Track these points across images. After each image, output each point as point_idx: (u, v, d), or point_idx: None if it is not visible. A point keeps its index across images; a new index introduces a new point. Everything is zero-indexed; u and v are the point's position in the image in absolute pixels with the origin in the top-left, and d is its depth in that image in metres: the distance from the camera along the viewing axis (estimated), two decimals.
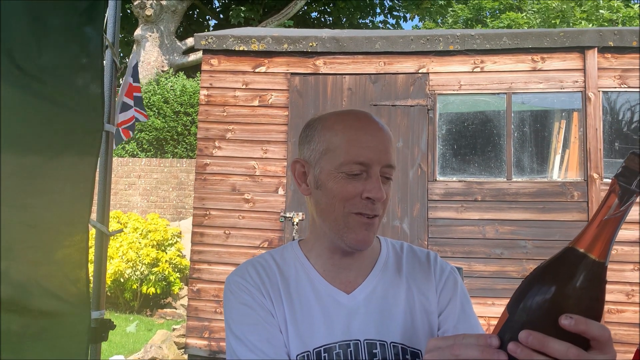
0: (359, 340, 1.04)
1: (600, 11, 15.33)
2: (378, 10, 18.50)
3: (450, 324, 1.09)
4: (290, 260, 1.14)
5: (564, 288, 0.65)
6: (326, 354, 1.02)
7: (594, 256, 0.65)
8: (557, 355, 0.64)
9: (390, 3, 18.48)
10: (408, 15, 18.68)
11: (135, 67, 2.52)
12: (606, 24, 15.20)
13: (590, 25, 14.81)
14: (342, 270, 1.11)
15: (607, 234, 0.65)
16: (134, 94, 2.76)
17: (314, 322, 1.05)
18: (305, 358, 1.02)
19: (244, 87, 5.13)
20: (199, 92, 8.42)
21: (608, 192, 0.66)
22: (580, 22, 14.98)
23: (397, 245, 1.20)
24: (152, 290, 7.02)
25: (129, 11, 14.71)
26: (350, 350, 1.03)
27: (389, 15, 18.86)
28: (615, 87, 4.71)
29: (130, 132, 3.14)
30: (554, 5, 15.26)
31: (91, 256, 1.96)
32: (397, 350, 1.04)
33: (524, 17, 16.33)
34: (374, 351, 1.03)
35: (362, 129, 1.06)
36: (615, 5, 15.40)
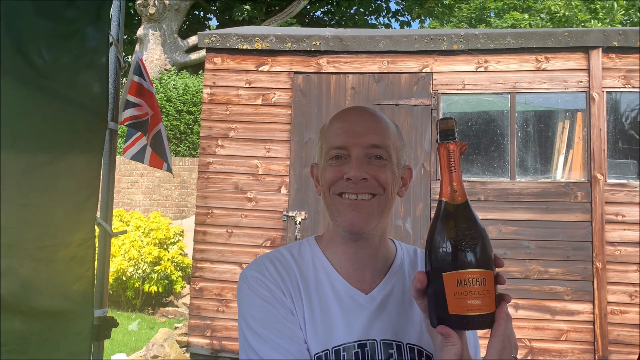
0: (375, 340, 1.05)
1: (612, 13, 15.24)
2: (384, 12, 18.44)
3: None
4: (308, 256, 1.14)
5: (470, 227, 0.84)
6: (345, 353, 1.03)
7: (448, 199, 0.87)
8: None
9: (396, 6, 18.45)
10: (410, 19, 18.63)
11: (138, 64, 2.51)
12: (619, 25, 15.12)
13: (600, 24, 14.73)
14: (357, 266, 1.11)
15: (450, 179, 0.86)
16: (126, 122, 2.55)
17: (333, 321, 1.05)
18: (324, 357, 1.02)
19: (247, 85, 5.13)
20: (201, 91, 8.42)
21: (445, 154, 0.86)
22: (586, 24, 14.90)
23: (410, 249, 1.21)
24: (154, 288, 7.02)
25: (132, 11, 14.71)
26: (367, 350, 1.03)
27: (392, 20, 18.82)
28: (620, 88, 4.69)
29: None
30: (560, 9, 15.16)
31: (95, 255, 1.96)
32: (412, 352, 1.05)
33: (528, 18, 16.24)
34: (390, 351, 1.04)
35: (345, 118, 1.12)
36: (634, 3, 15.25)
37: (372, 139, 1.07)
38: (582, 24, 14.99)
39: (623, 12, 15.33)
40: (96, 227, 2.02)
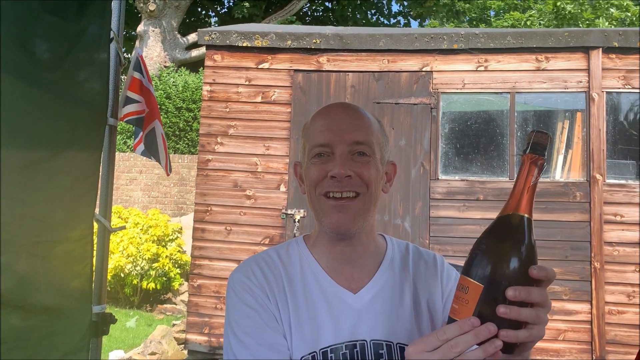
0: (365, 340, 1.03)
1: (610, 10, 15.23)
2: (386, 10, 18.42)
3: None
4: (296, 256, 1.12)
5: (525, 245, 0.79)
6: (332, 354, 1.02)
7: (529, 216, 0.81)
8: (537, 299, 0.77)
9: (399, 7, 18.46)
10: (411, 17, 18.62)
11: (138, 60, 2.51)
12: (615, 23, 15.11)
13: (600, 21, 14.71)
14: (345, 265, 1.10)
15: (532, 196, 0.81)
16: (126, 119, 2.50)
17: (320, 322, 1.04)
18: (311, 359, 1.01)
19: (246, 83, 5.12)
20: (201, 88, 8.41)
21: (527, 165, 0.81)
22: (588, 23, 14.88)
23: (402, 245, 1.19)
24: (152, 285, 7.02)
25: (135, 9, 14.68)
26: (357, 351, 1.02)
27: (391, 19, 18.81)
28: (619, 88, 4.69)
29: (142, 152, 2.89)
30: (568, 7, 15.12)
31: (93, 251, 1.96)
32: (403, 351, 1.02)
33: (532, 16, 16.17)
34: (380, 352, 1.03)
35: (325, 115, 1.11)
36: (625, 4, 15.27)
37: (355, 136, 1.06)
38: (587, 23, 14.97)
39: (619, 11, 15.35)
40: (95, 224, 2.02)
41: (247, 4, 14.98)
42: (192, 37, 13.60)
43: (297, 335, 1.03)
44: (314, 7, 18.14)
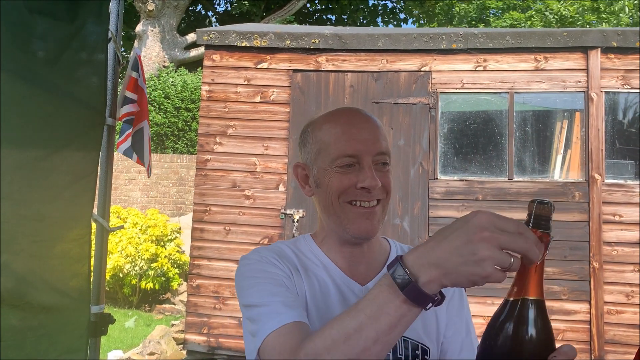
0: None
1: (620, 15, 15.19)
2: (380, 9, 18.42)
3: (455, 346, 1.12)
4: (305, 250, 1.15)
5: (539, 333, 0.73)
6: None
7: (541, 298, 0.73)
8: None
9: (394, 3, 18.46)
10: (407, 16, 18.63)
11: (136, 60, 2.51)
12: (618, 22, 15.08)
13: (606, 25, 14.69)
14: (353, 263, 1.13)
15: (541, 275, 0.73)
16: (124, 119, 2.47)
17: (331, 307, 1.07)
18: None
19: (245, 83, 5.12)
20: (200, 88, 8.40)
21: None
22: (591, 26, 14.84)
23: (404, 247, 1.23)
24: (150, 285, 7.02)
25: (135, 8, 14.68)
26: None
27: (391, 16, 18.82)
28: (618, 88, 4.70)
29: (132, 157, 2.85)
30: (569, 13, 15.05)
31: (91, 251, 1.95)
32: (407, 344, 1.06)
33: (534, 17, 16.11)
34: None
35: (349, 123, 1.10)
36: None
37: (380, 146, 1.08)
38: (587, 25, 14.94)
39: (630, 15, 15.29)
40: (93, 224, 2.01)
41: (246, 2, 14.98)
42: (191, 37, 13.60)
43: (312, 313, 1.05)
44: (313, 9, 18.14)
